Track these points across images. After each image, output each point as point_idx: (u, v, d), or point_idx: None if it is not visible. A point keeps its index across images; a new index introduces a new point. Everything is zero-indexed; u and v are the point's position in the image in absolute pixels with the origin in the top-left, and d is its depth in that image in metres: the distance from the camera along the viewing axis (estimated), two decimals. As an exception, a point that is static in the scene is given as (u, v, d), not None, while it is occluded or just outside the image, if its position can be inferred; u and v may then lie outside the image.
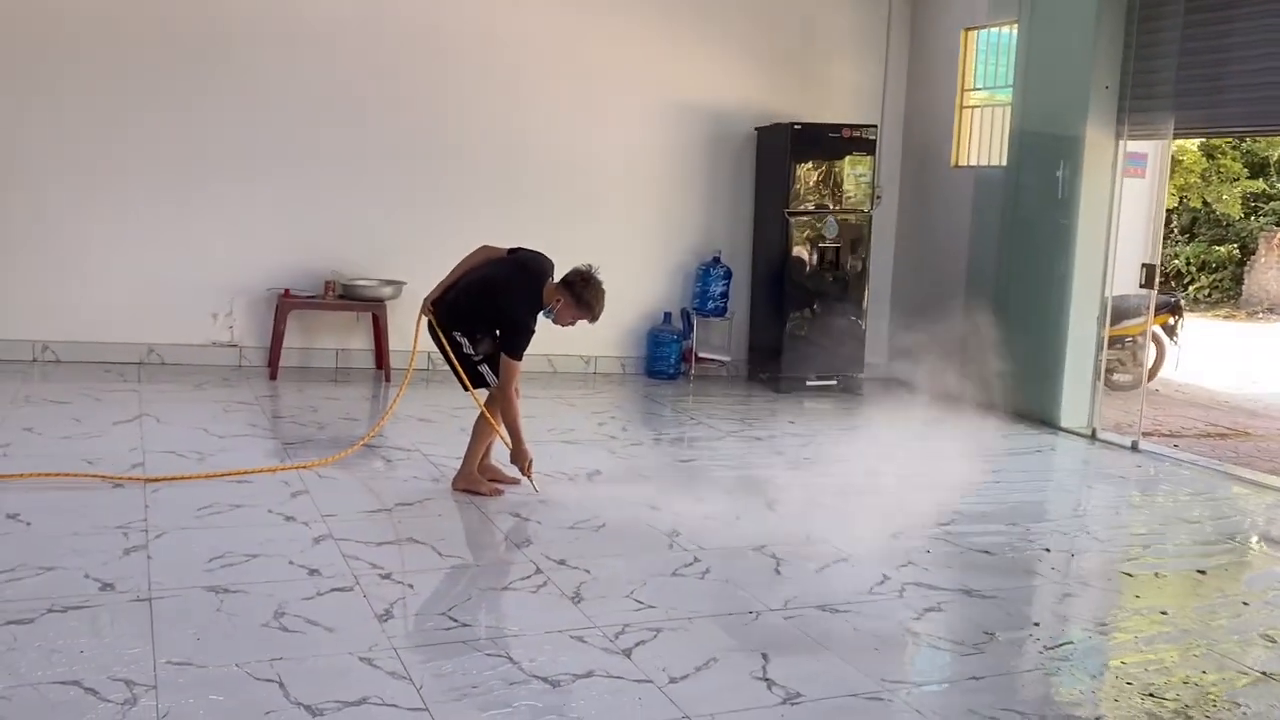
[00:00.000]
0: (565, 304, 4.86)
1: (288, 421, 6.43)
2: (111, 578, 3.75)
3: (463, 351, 5.01)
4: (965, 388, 8.48)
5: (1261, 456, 7.56)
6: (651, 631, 3.64)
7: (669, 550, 4.51)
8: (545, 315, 4.94)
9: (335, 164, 7.82)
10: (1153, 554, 4.98)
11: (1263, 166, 22.40)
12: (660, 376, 8.64)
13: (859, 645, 3.68)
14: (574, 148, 8.40)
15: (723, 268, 8.72)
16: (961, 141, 8.64)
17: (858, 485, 5.76)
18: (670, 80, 8.58)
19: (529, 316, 4.91)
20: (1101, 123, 7.35)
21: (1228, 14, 6.66)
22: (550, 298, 4.88)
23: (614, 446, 6.32)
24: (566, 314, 4.90)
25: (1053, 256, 7.60)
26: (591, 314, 4.90)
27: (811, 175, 8.44)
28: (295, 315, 7.68)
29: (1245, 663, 3.70)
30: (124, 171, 7.42)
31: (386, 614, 3.65)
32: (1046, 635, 3.84)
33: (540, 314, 4.94)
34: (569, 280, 4.87)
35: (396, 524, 4.64)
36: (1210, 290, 22.21)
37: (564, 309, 4.88)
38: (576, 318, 4.91)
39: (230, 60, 7.53)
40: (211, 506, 4.62)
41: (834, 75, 8.98)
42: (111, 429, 5.82)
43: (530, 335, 4.92)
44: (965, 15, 8.54)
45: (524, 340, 4.90)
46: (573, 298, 4.85)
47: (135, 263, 7.49)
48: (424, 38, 7.94)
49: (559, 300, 4.87)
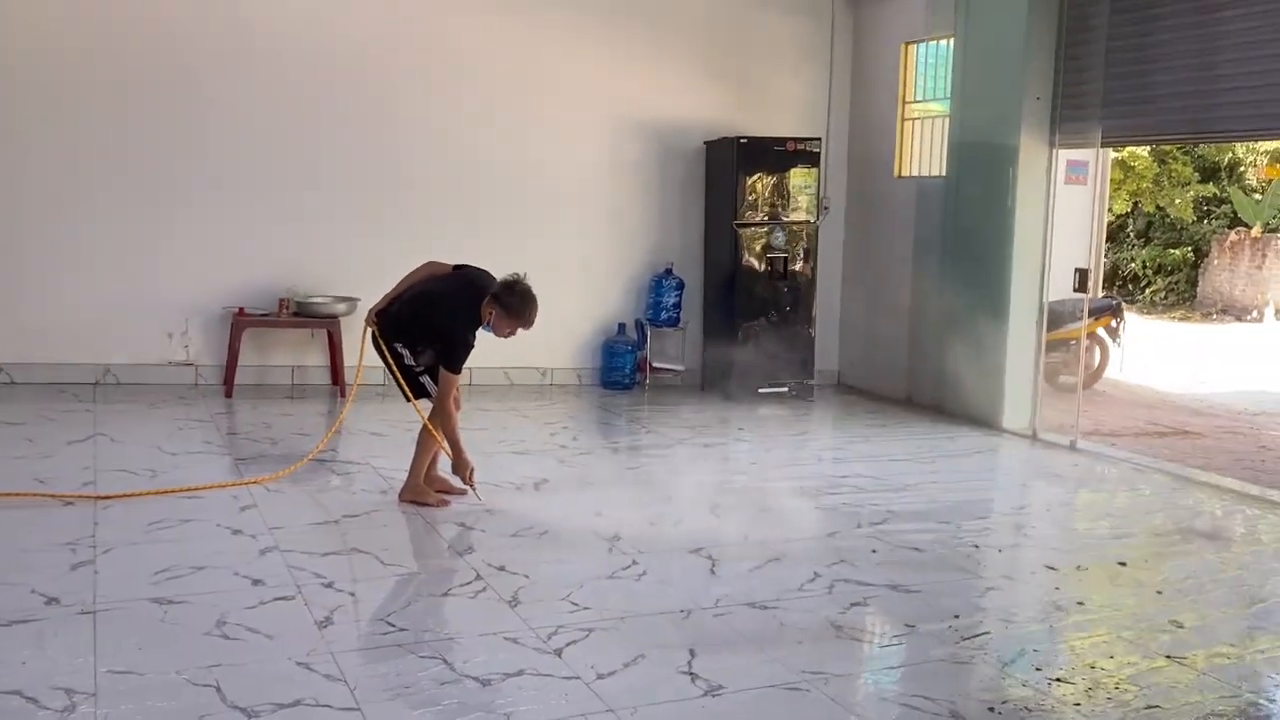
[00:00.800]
0: (497, 315, 5.03)
1: (241, 438, 6.53)
2: (57, 592, 3.85)
3: (404, 362, 5.15)
4: (912, 391, 8.70)
5: (1196, 453, 7.79)
6: (584, 632, 3.78)
7: (608, 554, 4.65)
8: (485, 329, 5.08)
9: (288, 182, 7.93)
10: (1078, 547, 5.17)
11: (1214, 171, 22.85)
12: (615, 387, 8.78)
13: (784, 639, 3.83)
14: (526, 163, 8.56)
15: (675, 279, 8.89)
16: (903, 152, 8.86)
17: (800, 488, 5.92)
18: (620, 96, 8.75)
19: (467, 331, 5.05)
20: (1035, 132, 7.58)
21: (1149, 26, 6.91)
22: (485, 312, 5.03)
23: (564, 456, 6.46)
24: (501, 324, 5.06)
25: (992, 263, 7.82)
26: (522, 320, 5.06)
27: (759, 187, 8.63)
28: (250, 333, 7.77)
29: (1150, 648, 3.88)
30: (76, 193, 7.50)
31: (327, 620, 3.77)
32: (964, 626, 4.01)
33: (481, 328, 5.08)
34: (495, 292, 5.03)
35: (342, 535, 4.76)
36: (1166, 293, 22.61)
37: (497, 320, 5.04)
38: (512, 326, 5.06)
39: (180, 81, 7.63)
40: (161, 522, 4.72)
41: (780, 90, 9.18)
42: (64, 449, 5.90)
43: (468, 349, 5.06)
44: (905, 29, 8.77)
45: (462, 354, 5.04)
46: (501, 308, 5.01)
47: (90, 284, 7.56)
48: (375, 56, 8.08)
49: (491, 312, 5.03)
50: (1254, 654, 3.89)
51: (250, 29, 7.78)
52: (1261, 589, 4.65)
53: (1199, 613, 4.28)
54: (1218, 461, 7.51)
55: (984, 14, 7.92)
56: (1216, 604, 4.41)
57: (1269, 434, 8.85)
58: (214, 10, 7.69)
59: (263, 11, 7.80)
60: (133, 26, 7.52)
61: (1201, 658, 3.80)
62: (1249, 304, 20.19)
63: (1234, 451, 7.98)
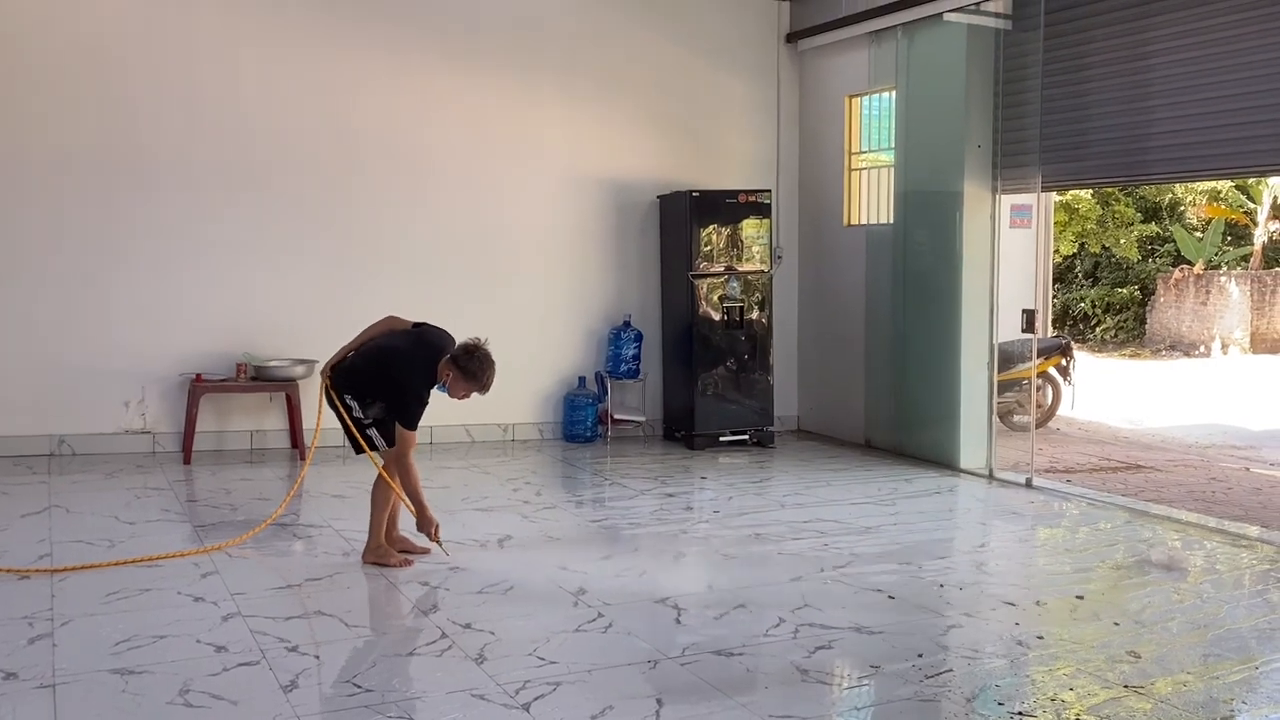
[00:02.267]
0: (455, 377, 5.05)
1: (201, 505, 6.47)
2: (15, 667, 3.79)
3: (352, 414, 5.15)
4: (871, 435, 8.81)
5: (1149, 487, 7.94)
6: (551, 685, 3.78)
7: (574, 608, 4.66)
8: (440, 389, 5.11)
9: (242, 246, 7.95)
10: (1036, 583, 5.26)
11: (1155, 210, 23.48)
12: (578, 440, 8.81)
13: (751, 686, 3.86)
14: (483, 221, 8.65)
15: (633, 330, 8.98)
16: (852, 201, 9.05)
17: (763, 535, 5.97)
18: (575, 153, 8.89)
19: (422, 387, 5.07)
20: (978, 179, 7.80)
21: (1082, 75, 7.16)
22: (442, 373, 5.06)
23: (527, 511, 6.46)
24: (458, 387, 5.09)
25: (942, 307, 7.98)
26: (479, 384, 5.08)
27: (714, 238, 8.77)
28: (208, 399, 7.73)
29: (1110, 678, 3.95)
30: (28, 261, 7.47)
31: (292, 685, 3.74)
32: (928, 665, 4.06)
33: (436, 388, 5.11)
34: (454, 355, 5.07)
35: (305, 598, 4.73)
36: (1116, 331, 23.09)
37: (454, 382, 5.07)
38: (468, 389, 5.09)
39: (132, 146, 7.66)
40: (119, 592, 4.67)
41: (730, 143, 9.38)
42: (19, 521, 5.82)
43: (422, 406, 5.09)
44: (848, 83, 9.01)
45: (417, 410, 5.07)
46: (459, 371, 5.04)
47: (43, 354, 7.51)
48: (327, 120, 8.15)
49: (448, 374, 5.05)
50: (1211, 680, 3.96)
51: (202, 97, 7.83)
52: (1218, 617, 4.74)
53: (1157, 643, 4.36)
54: (1170, 494, 7.66)
55: (923, 66, 8.18)
56: (1174, 634, 4.49)
57: (1219, 466, 9.04)
58: (165, 78, 7.74)
59: (214, 79, 7.87)
60: (84, 96, 7.55)
61: (1160, 686, 3.87)
62: (1196, 339, 20.67)
63: (1186, 484, 8.14)
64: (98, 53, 7.58)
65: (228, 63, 7.90)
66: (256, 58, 7.97)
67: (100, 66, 7.59)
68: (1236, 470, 8.84)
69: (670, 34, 9.12)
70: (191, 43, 7.80)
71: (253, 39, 7.96)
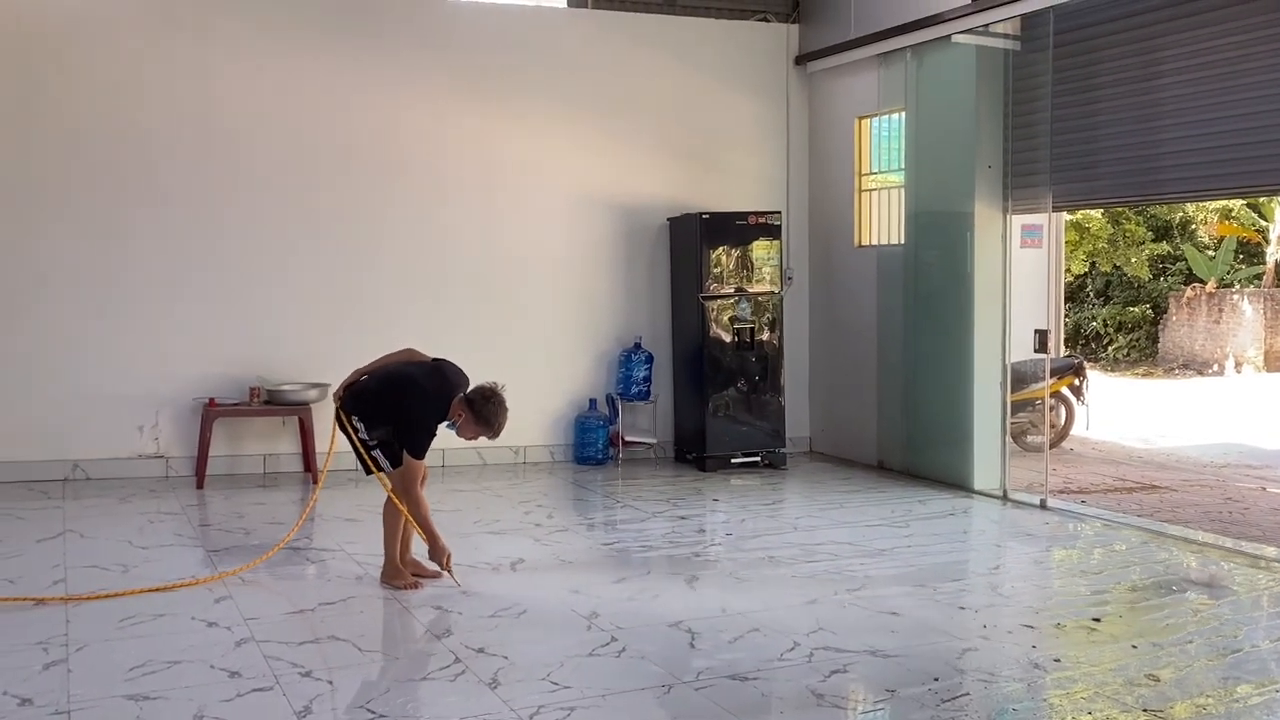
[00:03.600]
0: (466, 419, 5.09)
1: (214, 529, 6.48)
2: (30, 693, 3.80)
3: (360, 435, 5.18)
4: (883, 456, 8.78)
5: (1165, 507, 7.89)
6: (565, 711, 3.76)
7: (587, 631, 4.64)
8: (449, 427, 5.16)
9: (257, 271, 7.99)
10: (1053, 605, 5.22)
11: (1166, 229, 23.42)
12: (589, 462, 8.80)
13: (765, 710, 3.84)
14: (495, 245, 8.68)
15: (644, 352, 8.98)
16: (862, 222, 9.06)
17: (776, 557, 5.94)
18: (586, 177, 8.93)
19: (432, 419, 5.11)
20: (988, 199, 7.80)
21: (1092, 95, 7.17)
22: (454, 412, 5.10)
23: (539, 534, 6.45)
24: (468, 428, 5.14)
25: (954, 327, 7.97)
26: (491, 430, 5.13)
27: (724, 260, 8.78)
28: (221, 423, 7.75)
29: (1128, 702, 3.91)
30: (43, 287, 7.53)
31: (305, 710, 3.73)
32: (944, 689, 4.03)
33: (445, 425, 5.15)
34: (470, 397, 5.12)
35: (318, 623, 4.72)
36: (1128, 350, 22.98)
37: (465, 423, 5.12)
38: (477, 433, 5.14)
39: (146, 173, 7.74)
40: (134, 617, 4.68)
41: (740, 166, 9.40)
42: (34, 546, 5.84)
43: (430, 436, 5.13)
44: (858, 104, 9.03)
45: (423, 440, 5.11)
46: (473, 414, 5.08)
47: (57, 379, 7.55)
48: (340, 146, 8.21)
49: (460, 415, 5.09)
50: (1231, 704, 3.92)
51: (217, 124, 7.90)
52: (1237, 639, 4.70)
53: (1176, 665, 4.32)
54: (1186, 515, 7.61)
55: (933, 88, 8.19)
56: (1192, 656, 4.45)
57: (1235, 485, 8.98)
58: (179, 106, 7.81)
59: (228, 106, 7.94)
60: (98, 123, 7.62)
61: (1179, 710, 3.84)
62: (1209, 358, 20.56)
63: (1202, 504, 8.09)
64: (112, 76, 7.66)
65: (242, 91, 7.97)
66: (270, 87, 8.04)
67: (112, 91, 7.67)
68: (1252, 490, 8.78)
69: (680, 56, 9.16)
70: (206, 70, 7.88)
71: (269, 70, 8.03)
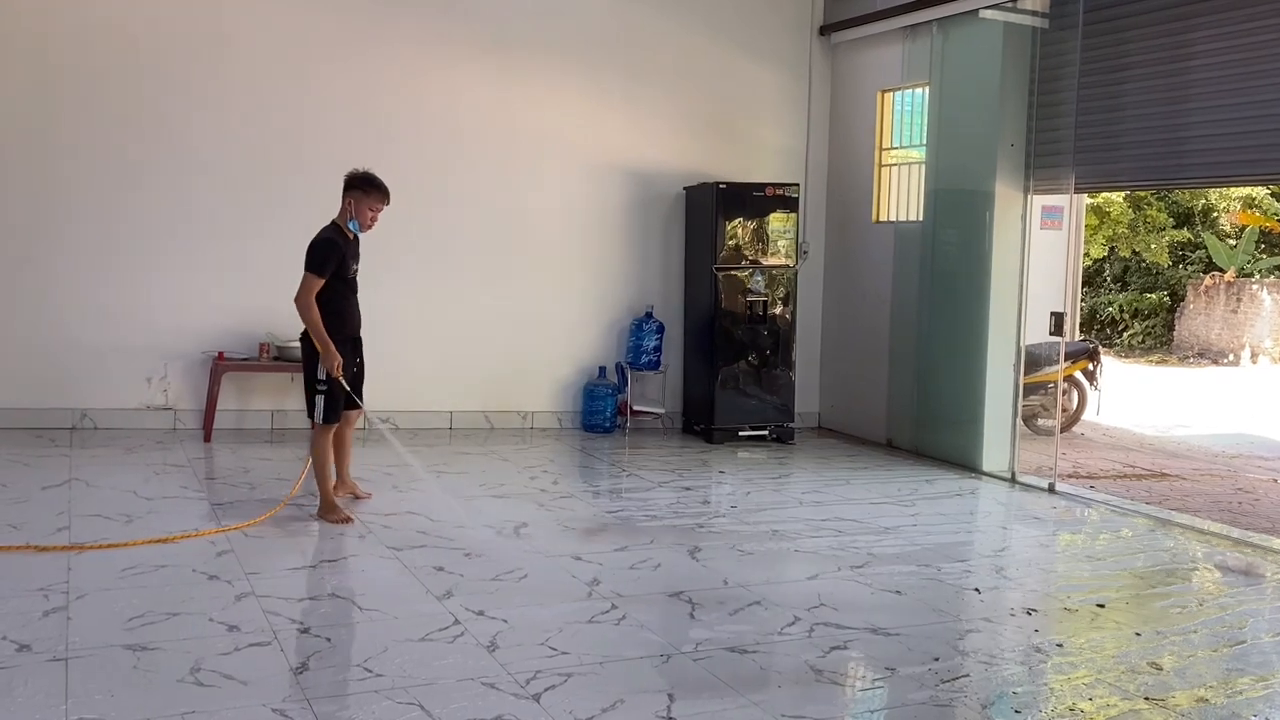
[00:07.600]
0: (356, 200, 5.34)
1: (219, 483, 6.49)
2: (29, 639, 3.80)
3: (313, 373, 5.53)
4: (892, 434, 8.73)
5: (1174, 495, 7.84)
6: (562, 677, 3.75)
7: (588, 599, 4.63)
8: (355, 229, 5.44)
9: (268, 227, 7.93)
10: (1056, 589, 5.19)
11: (1188, 216, 23.18)
12: (596, 430, 8.78)
13: (763, 683, 3.82)
14: (509, 210, 8.61)
15: (655, 322, 8.93)
16: (881, 198, 8.96)
17: (780, 531, 5.92)
18: (602, 144, 8.83)
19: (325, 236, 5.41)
20: (1010, 178, 7.69)
21: (1119, 75, 7.05)
22: (343, 215, 5.38)
23: (544, 500, 6.43)
24: (363, 208, 5.37)
25: (969, 307, 7.89)
26: (376, 189, 5.38)
27: (739, 232, 8.71)
28: (230, 377, 7.74)
29: (1130, 689, 3.88)
30: (55, 237, 7.50)
31: (302, 667, 3.73)
32: (945, 669, 4.00)
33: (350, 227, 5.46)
34: (345, 186, 5.42)
35: (319, 580, 4.72)
36: (1144, 336, 22.82)
37: (358, 206, 5.36)
38: (373, 204, 5.39)
39: (161, 125, 7.67)
40: (135, 567, 4.68)
41: (759, 136, 9.29)
42: (39, 493, 5.85)
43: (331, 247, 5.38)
44: (881, 78, 8.91)
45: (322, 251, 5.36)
46: (359, 191, 5.35)
47: (67, 328, 7.53)
48: (355, 103, 8.13)
49: (348, 205, 5.35)
50: (1233, 695, 3.89)
51: (230, 76, 7.83)
52: (1241, 631, 4.66)
53: (1178, 655, 4.28)
54: (1195, 504, 7.56)
55: (958, 63, 8.07)
56: (1196, 646, 4.41)
57: (1246, 476, 8.91)
58: (192, 56, 7.73)
59: (243, 58, 7.86)
60: (109, 73, 7.56)
61: (1180, 700, 3.81)
62: (1225, 348, 20.40)
63: (1212, 494, 8.03)
64: (126, 41, 7.58)
65: (255, 50, 7.88)
66: (283, 47, 7.95)
67: (128, 52, 7.59)
68: (1264, 481, 8.71)
69: (700, 24, 9.04)
70: (222, 33, 7.79)
71: (283, 30, 7.94)
